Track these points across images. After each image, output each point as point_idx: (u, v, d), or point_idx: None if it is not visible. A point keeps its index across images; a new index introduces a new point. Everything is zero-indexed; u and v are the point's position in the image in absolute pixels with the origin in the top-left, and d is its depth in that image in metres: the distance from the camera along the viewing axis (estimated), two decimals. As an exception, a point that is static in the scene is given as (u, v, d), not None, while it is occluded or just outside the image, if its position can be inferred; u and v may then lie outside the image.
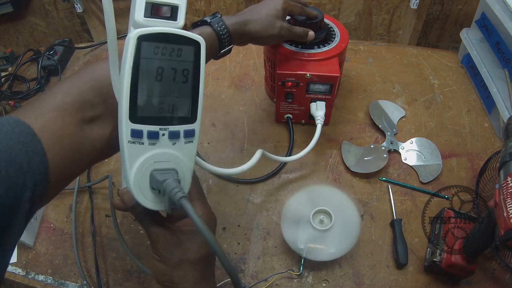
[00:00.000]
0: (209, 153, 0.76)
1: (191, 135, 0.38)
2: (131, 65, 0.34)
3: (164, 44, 0.34)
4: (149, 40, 0.34)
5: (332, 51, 0.70)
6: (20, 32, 1.20)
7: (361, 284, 0.60)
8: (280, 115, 0.76)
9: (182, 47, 0.35)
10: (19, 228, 0.32)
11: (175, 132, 0.36)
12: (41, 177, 0.34)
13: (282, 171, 0.73)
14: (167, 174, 0.36)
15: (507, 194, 0.44)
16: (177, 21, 0.37)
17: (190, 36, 0.36)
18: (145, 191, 0.36)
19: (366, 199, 0.69)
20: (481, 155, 0.73)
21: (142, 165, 0.36)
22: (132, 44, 0.33)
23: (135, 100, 0.34)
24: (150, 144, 0.36)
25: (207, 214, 0.42)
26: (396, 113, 0.79)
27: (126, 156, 0.35)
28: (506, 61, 0.72)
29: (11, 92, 0.90)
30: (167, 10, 0.36)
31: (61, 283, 0.62)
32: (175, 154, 0.37)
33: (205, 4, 1.10)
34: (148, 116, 0.35)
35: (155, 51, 0.34)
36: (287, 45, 0.72)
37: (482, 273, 0.59)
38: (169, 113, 0.36)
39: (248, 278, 0.61)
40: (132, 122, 0.34)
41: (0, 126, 0.32)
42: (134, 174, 0.35)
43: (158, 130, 0.36)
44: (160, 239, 0.40)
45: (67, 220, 0.69)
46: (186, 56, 0.36)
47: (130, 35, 0.33)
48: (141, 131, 0.35)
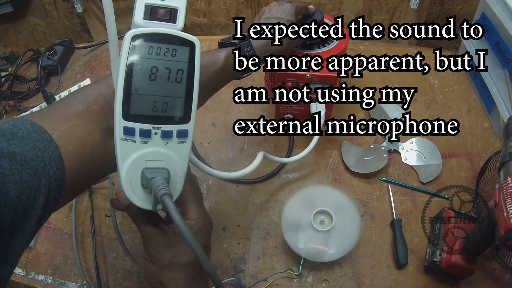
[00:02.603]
0: (209, 153, 0.76)
1: (184, 135, 0.38)
2: (125, 63, 0.34)
3: (158, 44, 0.35)
4: (143, 39, 0.35)
5: (332, 51, 0.70)
6: (20, 32, 1.20)
7: (361, 284, 0.60)
8: (280, 115, 0.76)
9: (177, 48, 0.36)
10: (30, 233, 0.32)
11: (167, 132, 0.37)
12: (56, 183, 0.33)
13: (282, 171, 0.73)
14: (157, 173, 0.36)
15: (507, 194, 0.44)
16: (176, 24, 0.37)
17: (185, 36, 0.36)
18: (136, 189, 0.36)
19: (366, 199, 0.69)
20: (481, 155, 0.73)
21: (133, 162, 0.36)
22: (126, 43, 0.34)
23: (128, 98, 0.35)
24: (142, 142, 0.36)
25: (203, 217, 0.42)
26: (396, 113, 0.79)
27: (118, 153, 0.36)
28: (506, 61, 0.72)
29: (11, 92, 0.90)
30: (166, 13, 0.37)
31: (61, 283, 0.62)
32: (168, 153, 0.37)
33: (205, 4, 1.10)
34: (141, 114, 0.35)
35: (150, 51, 0.35)
36: (287, 45, 0.72)
37: (482, 273, 0.59)
38: (162, 112, 0.36)
39: (248, 278, 0.61)
40: (125, 120, 0.35)
41: (16, 129, 0.32)
42: (125, 171, 0.36)
43: (150, 129, 0.36)
44: (152, 239, 0.40)
45: (67, 220, 0.69)
46: (181, 57, 0.36)
47: (125, 35, 0.34)
48: (133, 129, 0.35)
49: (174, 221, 0.32)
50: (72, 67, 0.97)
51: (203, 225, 0.41)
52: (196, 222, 0.40)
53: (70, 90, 0.88)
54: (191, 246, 0.31)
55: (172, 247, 0.40)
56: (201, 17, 1.13)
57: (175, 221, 0.32)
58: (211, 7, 1.10)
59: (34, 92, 0.91)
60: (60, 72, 0.93)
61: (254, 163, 0.57)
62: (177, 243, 0.40)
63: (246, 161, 0.75)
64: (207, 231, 0.43)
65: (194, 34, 0.37)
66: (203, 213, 0.42)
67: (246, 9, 1.09)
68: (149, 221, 0.41)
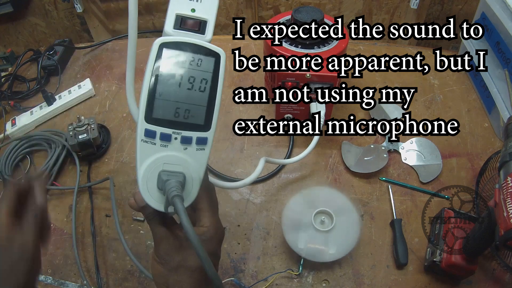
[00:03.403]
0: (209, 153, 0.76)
1: (203, 143, 0.38)
2: (152, 69, 0.36)
3: (184, 53, 0.37)
4: (171, 47, 0.36)
5: (332, 51, 0.70)
6: (20, 32, 1.20)
7: (361, 284, 0.60)
8: (280, 115, 0.76)
9: (203, 58, 0.37)
10: None
11: (187, 138, 0.37)
12: None
13: (282, 171, 0.73)
14: (173, 176, 0.37)
15: (507, 194, 0.44)
16: (204, 35, 0.38)
17: (211, 47, 0.38)
18: (152, 190, 0.37)
19: (366, 199, 0.69)
20: (481, 155, 0.73)
21: (151, 164, 0.37)
22: (154, 50, 0.36)
23: (152, 102, 0.36)
24: (162, 146, 0.37)
25: (215, 225, 0.42)
26: (396, 113, 0.79)
27: (138, 154, 0.37)
28: (506, 61, 0.72)
29: (11, 92, 0.90)
30: (195, 24, 0.38)
31: (61, 283, 0.62)
32: (186, 159, 0.38)
33: (205, 4, 1.10)
34: (163, 118, 0.37)
35: (176, 59, 0.37)
36: (287, 45, 0.72)
37: (482, 273, 0.59)
38: (184, 119, 0.37)
39: (248, 278, 0.61)
40: (147, 122, 0.36)
41: None
42: (143, 172, 0.37)
43: (171, 133, 0.37)
44: (163, 241, 0.41)
45: (67, 220, 0.69)
46: (206, 67, 0.37)
47: (154, 42, 0.36)
48: (154, 132, 0.37)
49: (181, 222, 0.32)
50: (72, 67, 0.97)
51: (215, 233, 0.41)
52: (208, 229, 0.41)
53: (70, 90, 0.88)
54: (196, 249, 0.32)
55: (182, 251, 0.41)
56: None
57: (182, 222, 0.32)
58: (211, 7, 1.10)
59: (34, 92, 0.90)
60: (60, 72, 0.93)
61: (256, 171, 0.58)
62: (187, 247, 0.41)
63: (246, 161, 0.75)
64: (219, 239, 0.43)
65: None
66: (216, 221, 0.42)
67: (246, 9, 1.10)
68: (163, 223, 0.41)
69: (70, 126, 0.73)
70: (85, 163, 0.76)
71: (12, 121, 0.83)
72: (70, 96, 0.87)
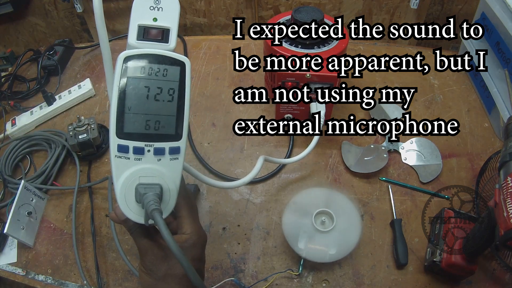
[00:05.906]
0: (209, 153, 0.76)
1: (176, 152, 0.39)
2: (118, 83, 0.36)
3: (150, 64, 0.37)
4: (135, 60, 0.36)
5: (332, 51, 0.70)
6: (20, 32, 1.20)
7: (361, 284, 0.60)
8: (280, 115, 0.76)
9: (168, 67, 0.37)
10: None
11: (160, 149, 0.38)
12: None
13: (282, 171, 0.73)
14: (150, 189, 0.37)
15: (507, 194, 0.44)
16: (168, 43, 0.38)
17: (175, 56, 0.38)
18: (131, 204, 0.38)
19: (366, 199, 0.69)
20: (481, 155, 0.73)
21: (128, 179, 0.37)
22: (119, 64, 0.36)
23: (122, 117, 0.37)
24: (135, 159, 0.37)
25: (197, 232, 0.42)
26: (396, 113, 0.79)
27: (113, 169, 0.37)
28: (506, 61, 0.72)
29: (11, 92, 0.90)
30: (158, 33, 0.38)
31: (61, 283, 0.62)
32: (160, 170, 0.38)
33: (205, 4, 1.10)
34: (134, 132, 0.37)
35: (142, 71, 0.36)
36: (287, 45, 0.72)
37: (482, 273, 0.59)
38: (154, 130, 0.37)
39: (248, 278, 0.61)
40: (119, 138, 0.37)
41: None
42: (120, 187, 0.37)
43: (143, 146, 0.37)
44: (148, 252, 0.41)
45: (67, 220, 0.69)
46: (172, 76, 0.37)
47: (118, 56, 0.36)
48: (127, 146, 0.37)
49: (162, 235, 0.33)
50: (72, 67, 0.97)
51: (197, 239, 0.42)
52: (190, 236, 0.42)
53: (70, 90, 0.88)
54: (179, 260, 0.33)
55: (168, 260, 0.41)
56: (201, 17, 1.13)
57: (163, 235, 0.33)
58: (211, 7, 1.10)
59: (34, 92, 0.91)
60: (60, 72, 0.93)
61: (254, 170, 0.57)
62: (172, 256, 0.41)
63: (246, 161, 0.75)
64: (202, 245, 0.44)
65: (194, 34, 0.37)
66: (197, 227, 0.43)
67: (246, 9, 1.10)
68: (146, 234, 0.42)
69: (70, 126, 0.73)
70: (85, 163, 0.76)
71: (12, 121, 0.83)
72: (70, 96, 0.87)
